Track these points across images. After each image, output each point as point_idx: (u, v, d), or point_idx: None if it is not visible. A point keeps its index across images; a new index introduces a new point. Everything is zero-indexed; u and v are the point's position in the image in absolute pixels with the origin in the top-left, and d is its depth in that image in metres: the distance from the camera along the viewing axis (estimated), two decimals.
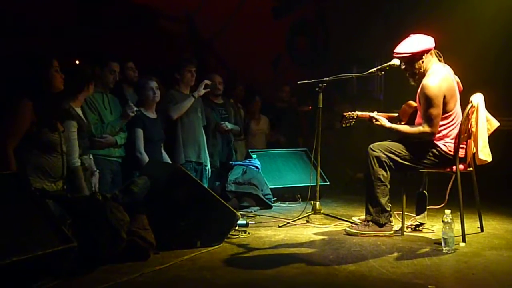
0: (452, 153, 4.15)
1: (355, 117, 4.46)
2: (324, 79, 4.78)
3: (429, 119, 4.10)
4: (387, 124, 4.33)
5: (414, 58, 4.20)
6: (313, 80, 4.86)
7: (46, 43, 6.75)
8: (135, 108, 4.91)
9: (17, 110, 3.53)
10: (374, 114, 4.42)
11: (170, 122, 5.53)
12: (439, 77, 4.12)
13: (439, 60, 4.26)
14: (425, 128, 4.12)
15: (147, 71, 5.87)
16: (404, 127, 4.34)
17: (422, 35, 4.26)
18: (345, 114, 4.48)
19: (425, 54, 4.19)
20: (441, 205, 4.21)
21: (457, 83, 4.30)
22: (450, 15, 6.96)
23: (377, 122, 4.35)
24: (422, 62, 4.20)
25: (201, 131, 5.84)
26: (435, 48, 4.26)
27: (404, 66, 4.29)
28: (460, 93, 4.30)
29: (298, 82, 5.04)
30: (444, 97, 4.09)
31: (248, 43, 8.97)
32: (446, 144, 4.16)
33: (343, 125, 4.51)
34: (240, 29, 9.01)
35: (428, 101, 4.08)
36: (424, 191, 4.53)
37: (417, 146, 4.21)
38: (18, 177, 3.21)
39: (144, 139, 5.17)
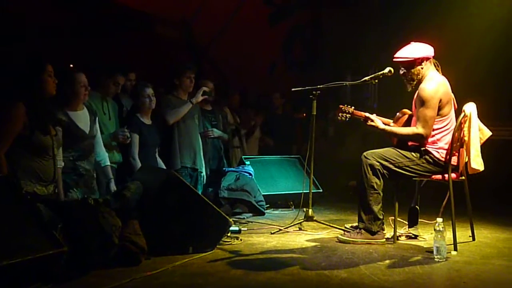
0: (443, 160, 4.17)
1: (350, 112, 4.46)
2: (318, 86, 4.80)
3: (423, 121, 4.13)
4: (381, 125, 4.35)
5: (414, 63, 4.25)
6: (307, 87, 4.87)
7: (41, 46, 6.75)
8: (128, 136, 4.90)
9: (9, 113, 3.52)
10: (373, 116, 4.42)
11: (166, 127, 5.52)
12: (436, 82, 4.18)
13: (437, 70, 4.31)
14: (418, 129, 4.15)
15: (144, 77, 5.91)
16: (397, 129, 4.37)
17: (423, 43, 4.31)
18: (341, 106, 4.48)
19: (425, 61, 4.25)
20: (434, 222, 4.21)
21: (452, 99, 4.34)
22: (444, 25, 7.01)
23: (371, 123, 4.35)
24: (422, 68, 4.25)
25: (197, 137, 5.84)
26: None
27: (402, 72, 4.32)
28: (455, 111, 4.32)
29: (292, 89, 5.06)
30: (440, 101, 4.14)
31: (244, 49, 9.01)
32: (438, 151, 4.19)
33: (339, 118, 4.51)
34: (236, 35, 9.04)
35: (423, 103, 4.12)
36: (416, 206, 4.55)
37: (410, 153, 4.22)
38: (9, 180, 3.19)
39: (139, 144, 5.17)
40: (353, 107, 4.49)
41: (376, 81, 4.60)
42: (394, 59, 4.34)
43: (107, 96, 5.12)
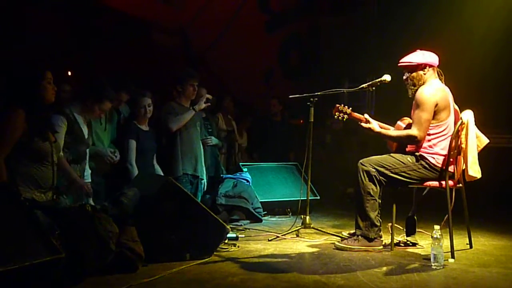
0: (440, 166, 4.18)
1: (348, 112, 4.45)
2: (316, 93, 4.81)
3: (418, 123, 4.15)
4: (377, 128, 4.35)
5: (417, 68, 4.29)
6: (304, 95, 4.88)
7: (38, 52, 6.76)
8: (115, 159, 4.93)
9: (9, 119, 3.52)
10: (370, 119, 4.42)
11: (168, 134, 5.52)
12: (434, 87, 4.22)
13: (440, 79, 4.33)
14: (413, 131, 4.17)
15: (140, 83, 5.92)
16: (392, 132, 4.40)
17: (429, 51, 4.34)
18: (337, 105, 4.47)
19: (428, 68, 4.28)
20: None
21: (456, 111, 4.35)
22: (442, 33, 7.03)
23: (367, 125, 4.35)
24: (424, 74, 4.28)
25: (199, 145, 5.83)
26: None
27: (406, 77, 4.36)
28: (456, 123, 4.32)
29: (290, 96, 5.07)
30: (436, 105, 4.16)
31: (241, 57, 9.02)
32: (434, 157, 4.20)
33: (335, 116, 4.49)
34: (233, 42, 9.06)
35: (418, 105, 4.16)
36: (414, 217, 4.55)
37: (406, 158, 4.24)
38: (7, 187, 3.19)
39: (136, 150, 5.17)
40: (350, 108, 4.48)
41: (374, 88, 4.62)
42: (399, 64, 4.38)
43: None
